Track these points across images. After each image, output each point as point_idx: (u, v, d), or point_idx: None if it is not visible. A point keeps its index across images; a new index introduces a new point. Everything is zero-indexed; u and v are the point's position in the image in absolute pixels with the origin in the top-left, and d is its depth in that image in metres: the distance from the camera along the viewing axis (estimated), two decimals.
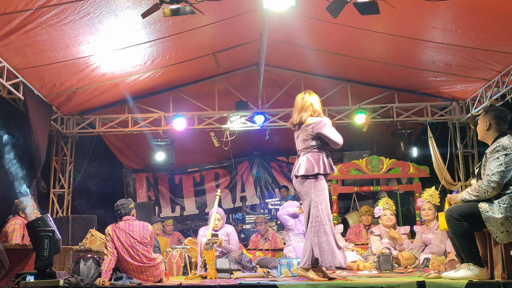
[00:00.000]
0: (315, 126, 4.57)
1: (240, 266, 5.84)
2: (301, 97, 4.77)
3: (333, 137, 4.54)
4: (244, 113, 9.27)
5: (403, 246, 6.37)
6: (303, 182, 4.54)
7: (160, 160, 9.57)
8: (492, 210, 3.79)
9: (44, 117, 7.81)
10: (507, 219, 3.74)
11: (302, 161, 4.58)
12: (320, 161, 4.53)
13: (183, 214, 11.07)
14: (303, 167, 4.53)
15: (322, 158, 4.55)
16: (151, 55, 7.51)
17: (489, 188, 3.80)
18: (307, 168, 4.51)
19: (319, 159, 4.54)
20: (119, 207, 5.08)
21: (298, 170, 4.57)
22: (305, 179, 4.52)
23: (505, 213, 3.75)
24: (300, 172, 4.53)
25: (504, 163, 3.79)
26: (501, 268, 3.80)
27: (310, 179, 4.51)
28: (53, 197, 9.21)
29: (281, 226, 8.36)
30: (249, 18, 7.29)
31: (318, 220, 4.43)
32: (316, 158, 4.54)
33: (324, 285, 3.89)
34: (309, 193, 4.50)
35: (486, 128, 4.07)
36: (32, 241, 4.69)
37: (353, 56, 8.13)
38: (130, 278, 4.83)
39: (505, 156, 3.80)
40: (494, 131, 4.04)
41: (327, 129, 4.56)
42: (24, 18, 5.65)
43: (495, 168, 3.80)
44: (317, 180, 4.52)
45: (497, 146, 3.88)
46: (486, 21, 6.15)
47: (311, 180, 4.52)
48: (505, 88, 7.64)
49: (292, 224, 6.52)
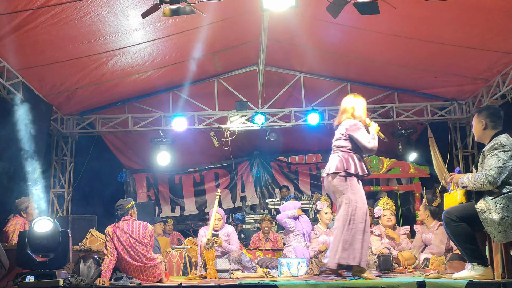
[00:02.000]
0: (348, 128, 4.64)
1: (240, 266, 5.84)
2: (346, 99, 4.87)
3: (363, 141, 4.57)
4: (244, 113, 9.26)
5: (401, 246, 6.37)
6: (337, 181, 4.57)
7: (160, 160, 9.56)
8: (489, 211, 3.79)
9: (44, 117, 7.80)
10: (503, 219, 3.74)
11: (334, 159, 4.65)
12: (350, 160, 4.58)
13: (183, 214, 11.07)
14: (334, 165, 4.60)
15: (353, 159, 4.60)
16: (151, 55, 7.51)
17: (486, 181, 3.80)
18: (338, 166, 4.57)
19: (349, 158, 4.60)
20: (117, 208, 5.15)
21: (330, 168, 4.63)
22: (340, 177, 4.55)
23: (501, 213, 3.75)
24: (331, 170, 4.59)
25: (502, 160, 3.80)
26: (501, 268, 3.80)
27: (343, 177, 4.55)
28: (53, 197, 9.21)
29: (281, 226, 8.37)
30: (249, 18, 7.29)
31: (356, 218, 4.44)
32: (345, 158, 4.60)
33: (324, 285, 3.89)
34: (345, 192, 4.53)
35: (483, 127, 4.10)
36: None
37: (353, 56, 8.13)
38: (130, 278, 4.83)
39: (503, 153, 3.82)
40: (490, 130, 4.07)
41: (359, 133, 4.60)
42: (24, 18, 5.65)
43: (493, 163, 3.81)
44: (351, 179, 4.55)
45: (495, 143, 3.89)
46: (486, 21, 6.15)
47: (345, 179, 4.55)
48: (505, 88, 7.64)
49: (292, 225, 6.53)
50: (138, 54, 7.39)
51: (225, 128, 9.32)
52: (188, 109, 9.36)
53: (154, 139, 9.44)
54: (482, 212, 3.80)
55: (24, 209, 5.90)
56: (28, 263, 4.56)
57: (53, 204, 9.19)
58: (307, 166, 11.27)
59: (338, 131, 4.77)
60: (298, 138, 10.61)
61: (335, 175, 4.58)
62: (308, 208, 9.53)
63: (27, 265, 4.55)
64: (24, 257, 4.57)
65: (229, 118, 9.30)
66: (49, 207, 9.10)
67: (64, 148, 9.45)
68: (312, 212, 9.50)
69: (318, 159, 11.25)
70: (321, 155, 11.24)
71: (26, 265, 4.55)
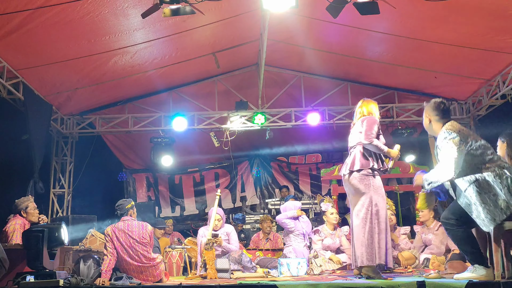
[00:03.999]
0: (363, 120, 4.64)
1: (240, 266, 5.84)
2: (361, 103, 4.91)
3: (367, 131, 4.55)
4: (244, 113, 9.27)
5: (400, 246, 6.37)
6: (360, 178, 4.52)
7: (160, 160, 9.56)
8: (468, 203, 3.78)
9: (44, 117, 7.80)
10: (474, 205, 3.74)
11: (356, 155, 4.57)
12: (373, 155, 4.56)
13: (183, 214, 11.06)
14: (358, 161, 4.53)
15: (375, 154, 4.58)
16: (151, 55, 7.51)
17: (444, 172, 3.82)
18: (363, 163, 4.52)
19: (371, 154, 4.57)
20: (116, 208, 5.16)
21: (353, 165, 4.55)
22: (363, 175, 4.51)
23: (474, 200, 3.75)
24: (356, 167, 4.52)
25: (452, 148, 3.82)
26: (501, 268, 3.80)
27: (367, 175, 4.51)
28: (53, 197, 9.21)
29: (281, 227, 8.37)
30: (249, 18, 7.29)
31: (378, 218, 4.44)
32: (368, 153, 4.57)
33: (324, 285, 3.89)
34: (368, 190, 4.49)
35: (429, 122, 4.17)
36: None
37: (353, 56, 8.14)
38: (130, 278, 4.83)
39: (452, 141, 3.84)
40: (436, 123, 4.12)
41: (370, 124, 4.59)
42: (24, 18, 5.65)
43: (446, 153, 3.84)
44: (374, 177, 4.53)
45: (443, 133, 3.93)
46: (486, 21, 6.15)
47: (368, 177, 4.52)
48: (505, 88, 7.65)
49: (292, 226, 6.52)
50: (138, 54, 7.39)
51: (225, 128, 9.32)
52: (188, 109, 9.36)
53: (154, 139, 9.43)
54: (467, 207, 3.79)
55: (24, 209, 5.89)
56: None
57: (53, 204, 9.19)
58: (307, 166, 11.27)
59: (355, 126, 4.76)
60: (298, 138, 10.61)
61: (360, 173, 4.52)
62: (308, 208, 9.53)
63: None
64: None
65: (229, 118, 9.31)
66: (49, 207, 9.11)
67: (64, 148, 9.45)
68: (312, 212, 9.50)
69: (318, 159, 11.25)
70: (321, 155, 11.25)
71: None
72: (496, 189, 3.70)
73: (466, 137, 3.88)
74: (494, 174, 3.74)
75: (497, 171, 3.73)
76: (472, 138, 3.89)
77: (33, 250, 4.51)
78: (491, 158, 3.81)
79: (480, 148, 3.84)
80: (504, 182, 3.70)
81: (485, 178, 3.74)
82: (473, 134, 3.99)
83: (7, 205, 6.16)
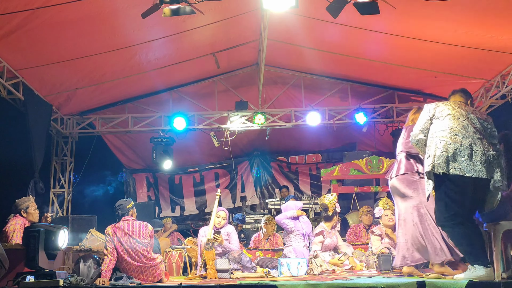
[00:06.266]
0: (413, 126, 4.64)
1: (240, 266, 5.84)
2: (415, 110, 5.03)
3: (415, 127, 4.48)
4: (244, 113, 9.27)
5: None
6: (408, 182, 4.63)
7: (160, 160, 9.56)
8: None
9: (44, 117, 7.80)
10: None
11: (402, 160, 4.73)
12: (418, 159, 4.65)
13: (183, 214, 11.07)
14: (403, 166, 4.68)
15: (420, 158, 4.65)
16: (151, 54, 7.51)
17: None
18: (407, 167, 4.65)
19: (417, 157, 4.67)
20: (117, 208, 5.12)
21: (399, 169, 4.71)
22: (410, 178, 4.63)
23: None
24: (401, 171, 4.67)
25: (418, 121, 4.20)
26: (501, 268, 3.80)
27: (414, 179, 4.63)
28: (53, 197, 9.21)
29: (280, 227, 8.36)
30: (249, 18, 7.29)
31: (431, 218, 4.48)
32: (414, 159, 4.70)
33: (324, 285, 3.89)
34: (417, 193, 4.59)
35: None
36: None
37: (353, 56, 8.13)
38: (130, 278, 4.83)
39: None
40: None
41: (420, 117, 4.53)
42: (24, 18, 5.65)
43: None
44: (421, 180, 4.59)
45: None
46: (486, 20, 6.15)
47: (416, 180, 4.62)
48: (505, 88, 7.65)
49: (292, 226, 6.52)
50: (138, 54, 7.39)
51: (225, 128, 9.32)
52: (188, 109, 9.36)
53: (154, 139, 9.43)
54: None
55: (24, 209, 5.89)
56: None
57: (53, 204, 9.19)
58: (307, 166, 11.28)
59: (403, 133, 4.88)
60: (298, 138, 10.61)
61: (406, 176, 4.65)
62: (308, 208, 9.53)
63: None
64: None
65: (229, 118, 9.31)
66: (49, 207, 9.11)
67: (64, 148, 9.45)
68: (312, 212, 9.50)
69: (318, 159, 11.25)
70: (321, 155, 11.26)
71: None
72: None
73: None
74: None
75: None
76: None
77: (31, 249, 4.49)
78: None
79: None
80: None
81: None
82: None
83: (7, 205, 6.15)
